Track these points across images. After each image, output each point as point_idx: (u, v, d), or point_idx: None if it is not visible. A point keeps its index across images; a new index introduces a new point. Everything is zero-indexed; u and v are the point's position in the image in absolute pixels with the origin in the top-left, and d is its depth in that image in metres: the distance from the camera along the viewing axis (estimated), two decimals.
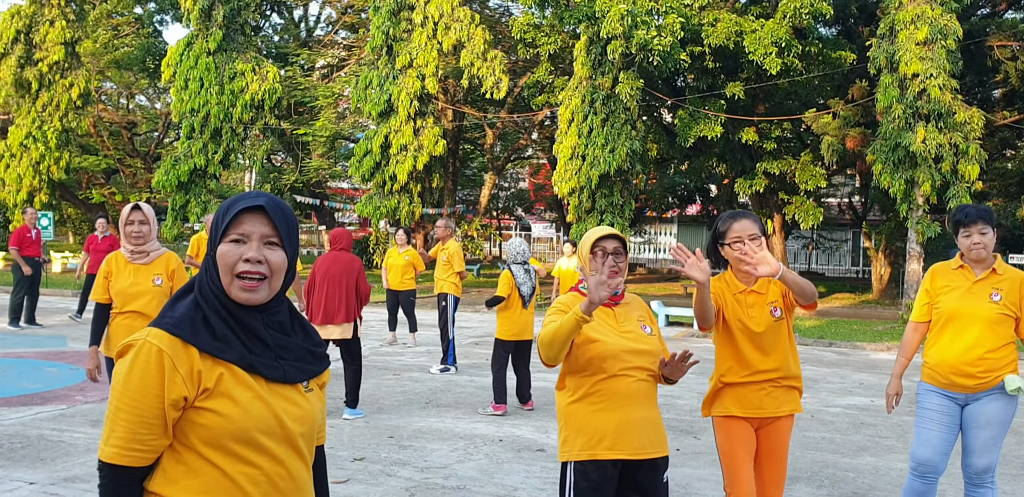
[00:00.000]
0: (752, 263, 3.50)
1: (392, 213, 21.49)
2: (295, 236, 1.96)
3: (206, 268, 1.91)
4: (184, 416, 1.81)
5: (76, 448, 6.16)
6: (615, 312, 3.33)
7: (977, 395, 4.17)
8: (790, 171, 20.57)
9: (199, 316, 1.86)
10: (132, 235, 4.94)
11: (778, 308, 3.71)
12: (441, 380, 9.52)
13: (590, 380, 3.23)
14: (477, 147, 32.55)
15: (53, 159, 22.42)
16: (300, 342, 1.98)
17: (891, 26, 16.90)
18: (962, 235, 4.20)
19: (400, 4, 21.33)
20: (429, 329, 13.47)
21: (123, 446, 1.77)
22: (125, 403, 1.78)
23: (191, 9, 21.68)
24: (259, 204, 1.89)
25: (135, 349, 1.81)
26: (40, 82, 22.36)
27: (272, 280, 1.89)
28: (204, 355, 1.83)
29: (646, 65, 18.01)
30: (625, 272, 3.34)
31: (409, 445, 6.54)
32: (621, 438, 3.18)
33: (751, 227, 3.64)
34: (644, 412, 3.23)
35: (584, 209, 18.72)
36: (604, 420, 3.20)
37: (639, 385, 3.22)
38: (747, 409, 3.71)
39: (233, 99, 21.75)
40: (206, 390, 1.81)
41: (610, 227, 3.46)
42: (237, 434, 1.81)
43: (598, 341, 3.20)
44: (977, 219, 4.15)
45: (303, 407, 1.93)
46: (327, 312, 7.47)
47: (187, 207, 21.98)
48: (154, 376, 1.78)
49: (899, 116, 16.56)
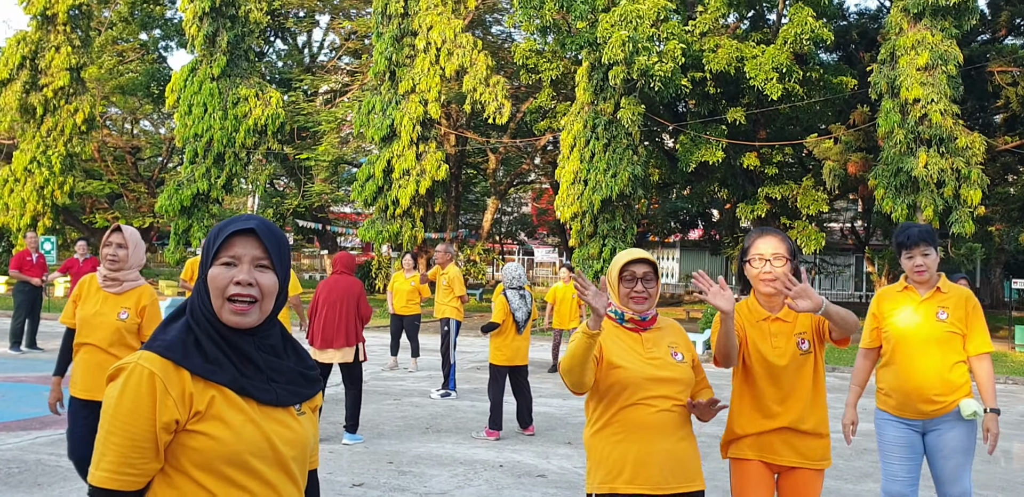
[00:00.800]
0: (790, 295, 3.09)
1: (394, 237, 21.51)
2: (286, 259, 1.95)
3: (198, 291, 1.90)
4: (175, 439, 1.79)
5: (73, 473, 6.10)
6: (643, 337, 3.18)
7: (935, 421, 4.04)
8: (792, 196, 20.60)
9: (191, 339, 1.85)
10: (108, 258, 4.49)
11: (807, 341, 3.32)
12: (442, 405, 9.46)
13: (611, 409, 3.10)
14: (480, 172, 32.67)
15: (57, 184, 22.51)
16: (292, 365, 1.96)
17: (892, 52, 17.00)
18: (905, 257, 4.11)
19: (403, 30, 21.52)
20: (430, 354, 13.41)
21: (114, 470, 1.75)
22: (116, 427, 1.76)
23: (195, 35, 21.88)
24: (250, 227, 1.88)
25: (126, 372, 1.79)
26: (45, 107, 22.51)
27: (263, 303, 1.88)
28: (196, 378, 1.81)
29: (647, 91, 18.11)
30: (656, 298, 3.20)
31: (409, 471, 6.48)
32: (641, 472, 3.03)
33: (776, 245, 3.29)
34: (668, 444, 3.06)
35: (586, 233, 18.73)
36: (623, 452, 3.06)
37: (662, 415, 3.06)
38: (764, 454, 3.37)
39: (236, 124, 21.88)
40: (198, 413, 1.79)
41: (640, 250, 3.29)
42: (229, 457, 1.79)
43: (620, 367, 3.07)
44: (919, 241, 4.05)
45: (295, 430, 1.91)
46: (326, 336, 7.42)
47: (190, 231, 22.03)
48: (145, 399, 1.76)
49: (901, 141, 16.61)
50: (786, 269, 3.24)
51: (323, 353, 7.40)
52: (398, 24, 21.53)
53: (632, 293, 3.15)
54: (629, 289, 3.16)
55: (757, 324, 3.38)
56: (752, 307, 3.40)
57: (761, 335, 3.36)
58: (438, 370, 11.31)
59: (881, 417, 4.20)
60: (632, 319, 3.17)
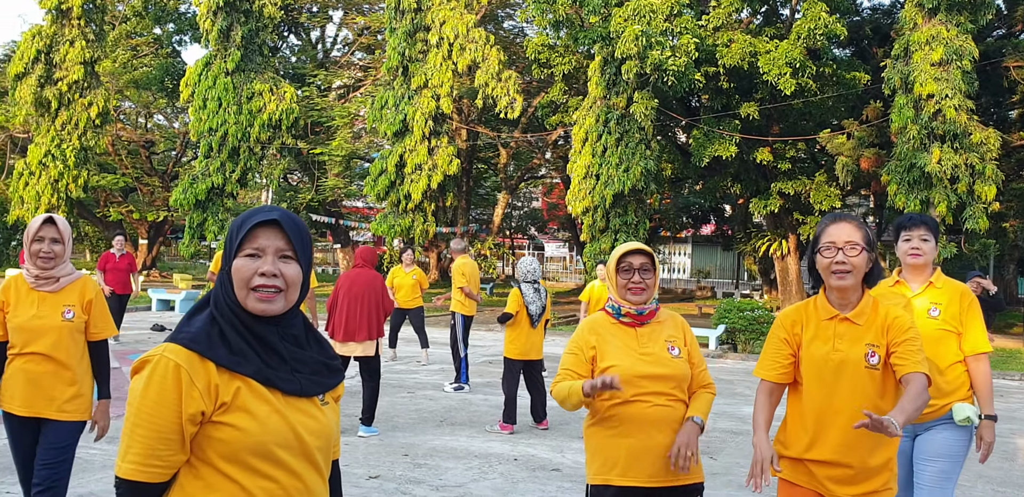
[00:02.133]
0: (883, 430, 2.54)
1: (406, 231, 21.56)
2: (309, 249, 1.96)
3: (221, 282, 1.91)
4: (201, 431, 1.81)
5: (92, 465, 6.17)
6: (638, 332, 3.21)
7: (927, 424, 3.73)
8: (805, 191, 20.54)
9: (215, 330, 1.86)
10: (40, 255, 3.81)
11: (877, 354, 2.87)
12: (455, 398, 9.50)
13: (605, 404, 3.15)
14: (491, 166, 32.67)
15: (71, 177, 22.63)
16: (315, 355, 1.98)
17: (906, 47, 16.92)
18: (902, 239, 3.87)
19: (416, 25, 21.53)
20: (443, 347, 13.47)
21: (141, 462, 1.77)
22: (142, 419, 1.78)
23: (210, 30, 21.94)
24: (273, 218, 1.89)
25: (151, 364, 1.80)
26: (60, 101, 22.61)
27: (288, 293, 1.90)
28: (221, 369, 1.82)
29: (660, 85, 18.07)
30: (654, 289, 3.23)
31: (424, 463, 6.52)
32: (634, 465, 3.09)
33: (851, 232, 2.92)
34: (662, 438, 3.10)
35: (598, 228, 18.73)
36: (617, 445, 3.12)
37: (657, 410, 3.10)
38: (814, 483, 2.97)
39: (251, 119, 21.95)
40: (223, 404, 1.81)
41: (637, 242, 3.29)
42: (255, 448, 1.81)
43: (613, 366, 3.11)
44: (921, 224, 3.83)
45: (319, 420, 1.93)
46: (348, 329, 7.44)
47: (204, 225, 22.12)
48: (171, 391, 1.78)
49: (914, 137, 16.53)
50: (861, 259, 2.88)
51: (344, 346, 7.43)
52: (411, 19, 21.54)
53: (630, 284, 3.18)
54: (627, 280, 3.19)
55: (821, 323, 2.97)
56: (820, 304, 3.00)
57: (823, 336, 2.95)
58: (450, 363, 11.37)
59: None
60: (629, 313, 3.20)
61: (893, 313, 2.95)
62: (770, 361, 3.05)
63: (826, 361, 2.89)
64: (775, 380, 3.03)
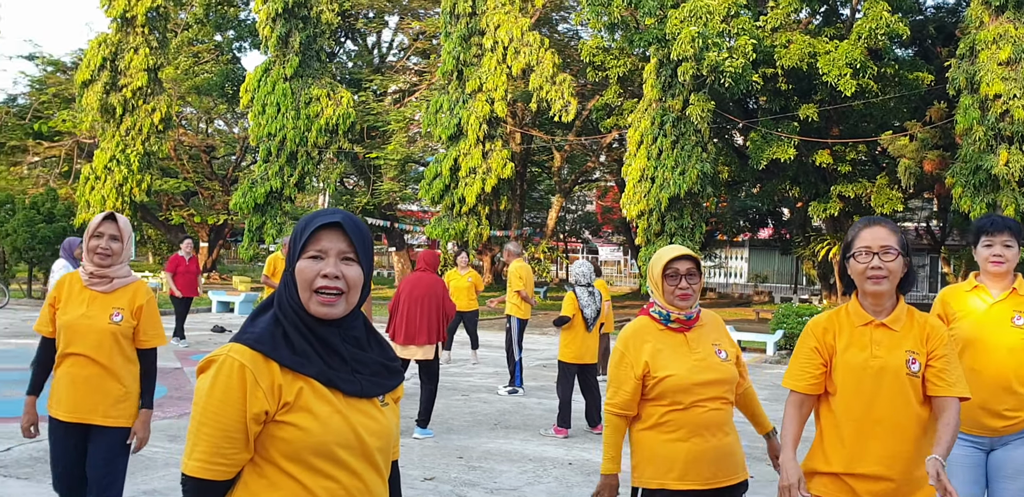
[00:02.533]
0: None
1: (460, 235, 21.65)
2: (370, 252, 1.99)
3: (285, 284, 1.93)
4: (265, 430, 1.83)
5: (155, 462, 6.30)
6: (687, 338, 3.21)
7: (1005, 439, 3.46)
8: (865, 194, 20.16)
9: (279, 331, 1.88)
10: (97, 252, 3.72)
11: (918, 361, 2.75)
12: (509, 402, 9.50)
13: (662, 409, 3.15)
14: (545, 170, 32.66)
15: (135, 181, 23.15)
16: (376, 357, 2.00)
17: (971, 46, 16.52)
18: (983, 244, 3.59)
19: (471, 30, 21.63)
20: (496, 350, 13.48)
21: (206, 460, 1.80)
22: (208, 417, 1.81)
23: (269, 36, 22.32)
24: (336, 220, 1.92)
25: (217, 364, 1.84)
26: (124, 107, 23.16)
27: (349, 295, 1.92)
28: (284, 370, 1.85)
29: (717, 87, 17.89)
30: (698, 294, 3.24)
31: (479, 466, 6.53)
32: (692, 469, 3.11)
33: (886, 236, 2.78)
34: (717, 440, 3.14)
35: (653, 232, 18.59)
36: (675, 450, 3.12)
37: (712, 414, 3.13)
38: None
39: (308, 123, 22.27)
40: (286, 404, 1.83)
41: (681, 247, 3.27)
42: (317, 448, 1.83)
43: (671, 376, 3.12)
44: (1005, 228, 3.54)
45: (380, 421, 1.94)
46: (409, 333, 7.49)
47: (263, 228, 22.49)
48: (236, 391, 1.81)
49: (980, 138, 16.13)
50: (897, 264, 2.76)
51: (405, 349, 7.48)
52: (466, 24, 21.65)
53: (677, 290, 3.17)
54: (674, 286, 3.18)
55: (856, 329, 2.84)
56: (853, 310, 2.87)
57: (859, 343, 2.81)
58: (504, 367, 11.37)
59: None
60: (678, 319, 3.20)
61: (931, 321, 2.86)
62: (800, 371, 2.90)
63: (865, 368, 2.76)
64: (806, 391, 2.89)
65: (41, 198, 21.46)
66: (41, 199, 21.38)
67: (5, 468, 5.97)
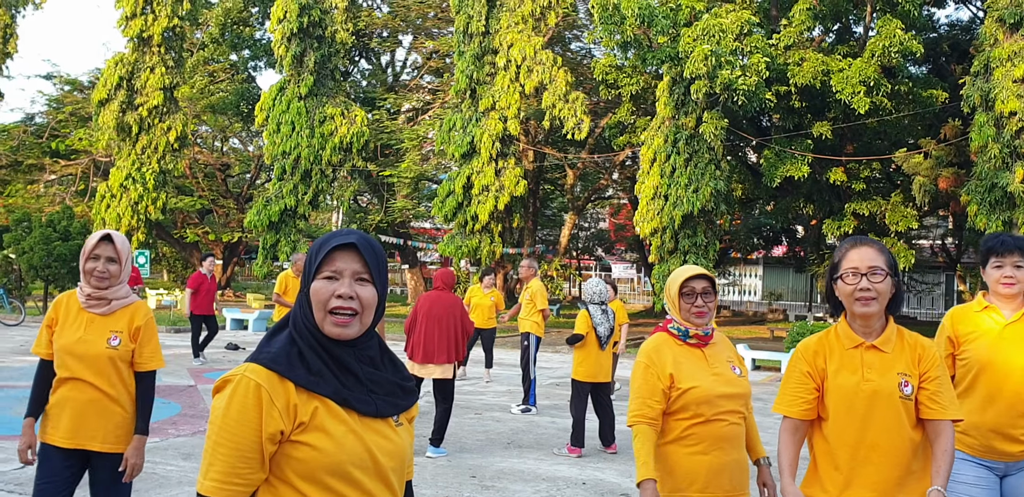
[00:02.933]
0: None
1: (473, 252, 21.67)
2: (385, 272, 1.99)
3: (300, 304, 1.94)
4: (280, 450, 1.83)
5: (169, 480, 6.28)
6: (705, 354, 3.29)
7: (1020, 464, 3.39)
8: (880, 212, 20.08)
9: (295, 351, 1.89)
10: (94, 274, 3.60)
11: (910, 384, 2.72)
12: (522, 420, 9.46)
13: (685, 423, 3.19)
14: (558, 187, 32.69)
15: (151, 199, 23.32)
16: (390, 376, 2.00)
17: (986, 63, 16.50)
18: (992, 265, 3.46)
19: (484, 48, 21.75)
20: (509, 369, 13.45)
21: (222, 480, 1.79)
22: (224, 437, 1.81)
23: (284, 55, 22.51)
24: (351, 241, 1.93)
25: (233, 384, 1.84)
26: (140, 126, 23.37)
27: (363, 315, 1.92)
28: (300, 389, 1.85)
29: (731, 105, 17.91)
30: (714, 313, 3.31)
31: (492, 485, 6.49)
32: (713, 482, 3.16)
33: (873, 257, 2.75)
34: (735, 455, 3.21)
35: (667, 249, 18.56)
36: (697, 463, 3.17)
37: (731, 428, 3.19)
38: None
39: (323, 142, 22.41)
40: (301, 424, 1.83)
41: (698, 266, 3.32)
42: (332, 468, 1.82)
43: (695, 387, 3.17)
44: (1015, 249, 3.40)
45: (394, 441, 1.94)
46: (427, 351, 7.47)
47: (277, 246, 22.58)
48: (252, 411, 1.81)
49: (995, 156, 16.07)
50: (886, 285, 2.74)
51: (423, 368, 7.45)
52: (479, 42, 21.78)
53: (693, 308, 3.25)
54: (690, 304, 3.25)
55: (846, 352, 2.81)
56: (843, 332, 2.85)
57: (850, 366, 2.78)
58: (517, 385, 11.33)
59: (956, 457, 3.52)
60: (696, 335, 3.27)
61: (922, 341, 2.82)
62: (792, 396, 2.87)
63: (857, 392, 2.72)
64: (799, 417, 2.86)
65: (57, 216, 21.62)
66: (57, 217, 21.54)
67: (20, 486, 5.97)
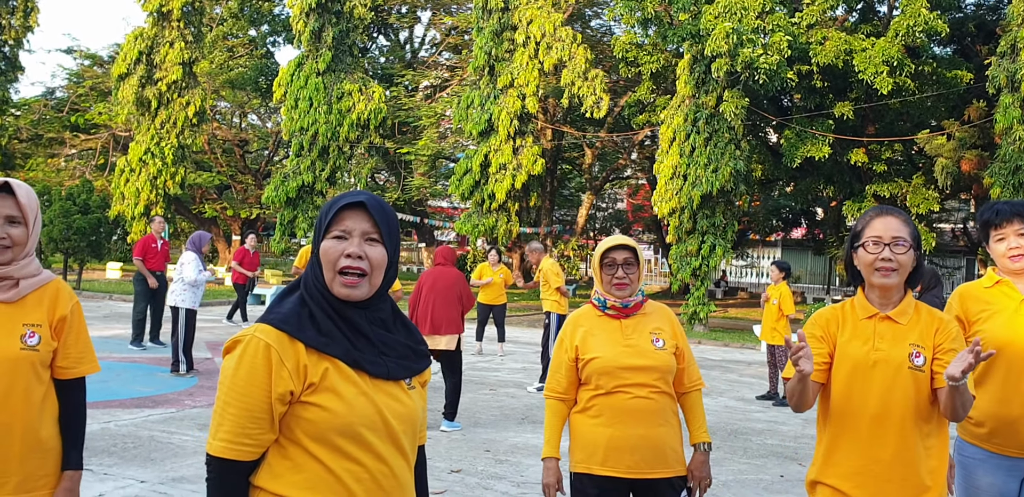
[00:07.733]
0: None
1: (490, 231, 21.63)
2: (395, 233, 1.98)
3: (311, 265, 1.94)
4: (290, 411, 1.82)
5: (184, 450, 6.33)
6: (622, 324, 3.23)
7: None
8: (901, 194, 19.88)
9: (305, 312, 1.88)
10: None
11: (922, 355, 2.61)
12: (537, 397, 9.47)
13: (588, 393, 3.21)
14: (575, 167, 32.56)
15: (169, 174, 23.35)
16: (402, 339, 1.99)
17: (1012, 44, 16.21)
18: (994, 239, 3.12)
19: (503, 25, 21.58)
20: (524, 346, 13.49)
21: (231, 440, 1.79)
22: (233, 397, 1.80)
23: (302, 31, 22.42)
24: (360, 201, 1.91)
25: (243, 344, 1.83)
26: (159, 101, 23.37)
27: (372, 276, 1.90)
28: (310, 350, 1.84)
29: (751, 84, 17.70)
30: (637, 283, 3.26)
31: (506, 459, 6.50)
32: (612, 455, 3.12)
33: (898, 227, 2.62)
34: (643, 430, 3.11)
35: (685, 230, 18.45)
36: (599, 435, 3.15)
37: (638, 402, 3.12)
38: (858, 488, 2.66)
39: (340, 118, 22.35)
40: (312, 385, 1.82)
41: (622, 236, 3.39)
42: (342, 429, 1.81)
43: (596, 358, 3.16)
44: (1013, 216, 3.06)
45: (406, 404, 1.93)
46: (435, 323, 7.59)
47: (295, 222, 22.63)
48: (261, 371, 1.80)
49: (1020, 137, 15.83)
50: (908, 257, 2.62)
51: (431, 339, 7.54)
52: (498, 19, 21.60)
53: (614, 279, 3.23)
54: (611, 275, 3.24)
55: (860, 322, 2.69)
56: (859, 303, 2.72)
57: (862, 335, 2.67)
58: (533, 362, 11.38)
59: (968, 454, 3.13)
60: (614, 306, 3.24)
61: (940, 316, 2.71)
62: None
63: (865, 361, 2.62)
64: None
65: (77, 190, 21.74)
66: (77, 190, 21.65)
67: None
